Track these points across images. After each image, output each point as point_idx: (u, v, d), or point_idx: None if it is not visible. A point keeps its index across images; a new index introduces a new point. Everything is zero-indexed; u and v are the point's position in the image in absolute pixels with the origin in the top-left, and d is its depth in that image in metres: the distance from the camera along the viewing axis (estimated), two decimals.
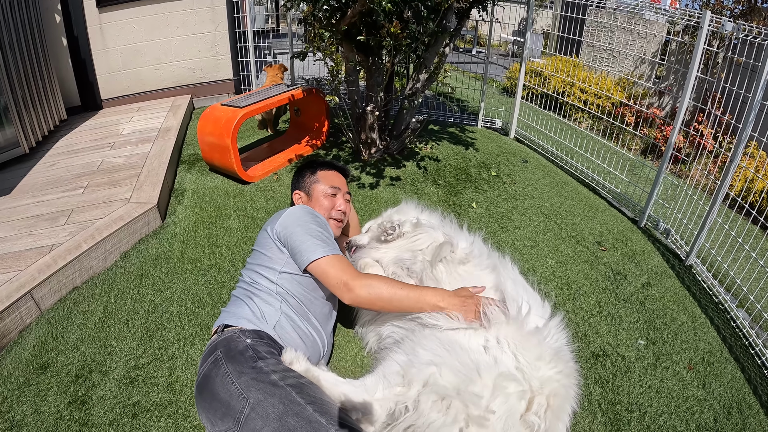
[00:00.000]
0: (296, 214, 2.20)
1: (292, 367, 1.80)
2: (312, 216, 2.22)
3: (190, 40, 6.14)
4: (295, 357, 1.83)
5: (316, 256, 2.04)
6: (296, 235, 2.10)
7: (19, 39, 4.41)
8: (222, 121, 3.83)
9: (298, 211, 2.23)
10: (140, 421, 2.04)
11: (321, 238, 2.11)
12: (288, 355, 1.83)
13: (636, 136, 5.42)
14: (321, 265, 2.03)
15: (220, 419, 1.66)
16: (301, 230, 2.12)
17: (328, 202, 2.48)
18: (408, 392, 1.73)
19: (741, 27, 3.20)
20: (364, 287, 1.97)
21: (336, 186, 2.53)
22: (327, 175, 2.58)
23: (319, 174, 2.57)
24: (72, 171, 4.00)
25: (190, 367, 2.31)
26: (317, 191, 2.51)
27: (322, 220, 2.26)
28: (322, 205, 2.47)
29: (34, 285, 2.60)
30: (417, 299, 1.97)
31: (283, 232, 2.15)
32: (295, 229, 2.13)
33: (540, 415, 1.70)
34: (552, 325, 1.96)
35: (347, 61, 4.05)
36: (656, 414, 2.23)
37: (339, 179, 2.61)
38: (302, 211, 2.24)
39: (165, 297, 2.78)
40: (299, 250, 2.08)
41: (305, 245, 2.07)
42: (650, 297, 3.04)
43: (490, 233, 3.54)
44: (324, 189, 2.51)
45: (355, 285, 1.97)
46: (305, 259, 2.06)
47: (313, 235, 2.10)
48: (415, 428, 1.68)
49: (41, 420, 2.04)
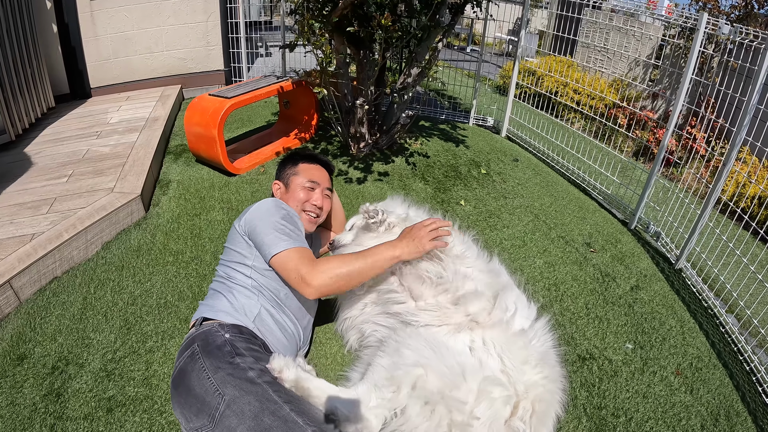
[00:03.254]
0: (262, 208, 2.15)
1: (281, 375, 1.73)
2: (278, 209, 2.15)
3: (181, 29, 6.07)
4: (284, 364, 1.76)
5: (277, 250, 1.98)
6: (259, 229, 2.05)
7: (9, 25, 4.33)
8: (209, 111, 3.77)
9: (264, 205, 2.17)
10: (115, 415, 2.00)
11: (284, 232, 2.04)
12: (277, 362, 1.75)
13: (628, 138, 5.41)
14: (281, 259, 1.98)
15: (195, 415, 1.62)
16: (264, 224, 2.06)
17: (304, 195, 2.41)
18: (398, 397, 1.70)
19: (738, 30, 3.18)
20: (319, 274, 1.91)
21: (315, 180, 2.46)
22: (307, 168, 2.51)
23: (300, 166, 2.52)
24: (57, 159, 3.94)
25: (167, 361, 2.27)
26: (295, 183, 2.45)
27: (290, 213, 2.19)
28: (297, 197, 2.40)
29: (14, 274, 2.55)
30: (373, 261, 1.96)
31: (248, 226, 2.10)
32: (259, 223, 2.07)
33: (525, 420, 1.67)
34: (538, 327, 1.93)
35: (338, 54, 4.00)
36: (643, 419, 2.20)
37: (320, 174, 2.54)
38: (269, 204, 2.18)
39: (145, 289, 2.74)
40: (261, 245, 2.03)
41: (267, 239, 2.02)
42: (639, 300, 3.02)
43: (479, 232, 3.50)
44: (302, 182, 2.44)
45: (312, 276, 1.91)
46: (267, 254, 2.01)
47: (276, 229, 2.04)
48: None
49: (16, 412, 2.00)
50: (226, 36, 6.29)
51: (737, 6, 7.65)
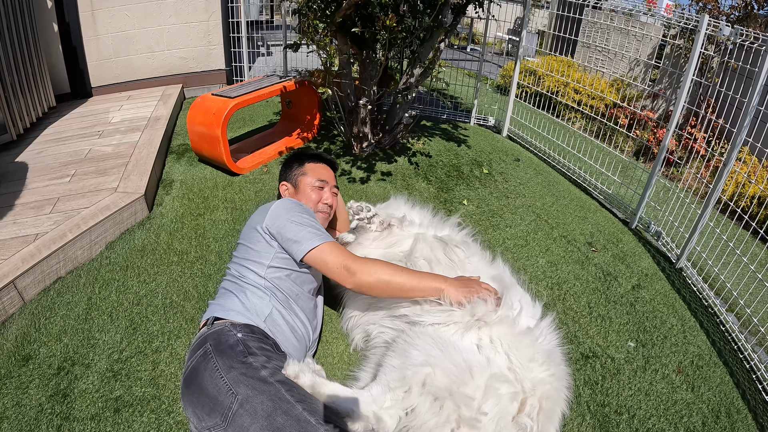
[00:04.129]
0: (285, 207, 2.17)
1: (298, 381, 1.76)
2: (301, 207, 2.20)
3: (182, 28, 6.06)
4: (300, 370, 1.78)
5: (313, 245, 2.01)
6: (289, 227, 2.07)
7: (10, 24, 4.32)
8: (212, 111, 3.77)
9: (287, 204, 2.20)
10: (123, 415, 2.00)
11: (314, 228, 2.08)
12: (292, 368, 1.77)
13: (629, 138, 5.42)
14: (320, 253, 2.01)
15: (207, 414, 1.63)
16: (293, 222, 2.09)
17: (315, 195, 2.45)
18: (410, 397, 1.71)
19: (739, 32, 3.19)
20: (366, 271, 1.95)
21: (323, 179, 2.50)
22: (315, 168, 2.55)
23: (307, 166, 2.55)
24: (59, 159, 3.93)
25: (174, 361, 2.27)
26: (304, 183, 2.48)
27: (310, 212, 2.24)
28: (309, 198, 2.44)
29: (18, 274, 2.54)
30: (419, 283, 1.98)
31: (274, 225, 2.11)
32: (287, 221, 2.09)
33: (532, 417, 1.69)
34: (544, 325, 1.95)
35: (341, 54, 4.01)
36: (645, 417, 2.22)
37: (327, 172, 2.57)
38: (291, 203, 2.21)
39: (150, 289, 2.74)
40: (295, 241, 2.05)
41: (300, 235, 2.04)
42: (640, 299, 3.04)
43: (481, 231, 3.52)
44: (311, 181, 2.48)
45: (357, 269, 1.95)
46: (303, 249, 2.03)
47: (307, 226, 2.08)
48: (409, 429, 1.67)
49: (22, 413, 2.00)
50: (228, 35, 6.27)
51: (737, 7, 7.66)
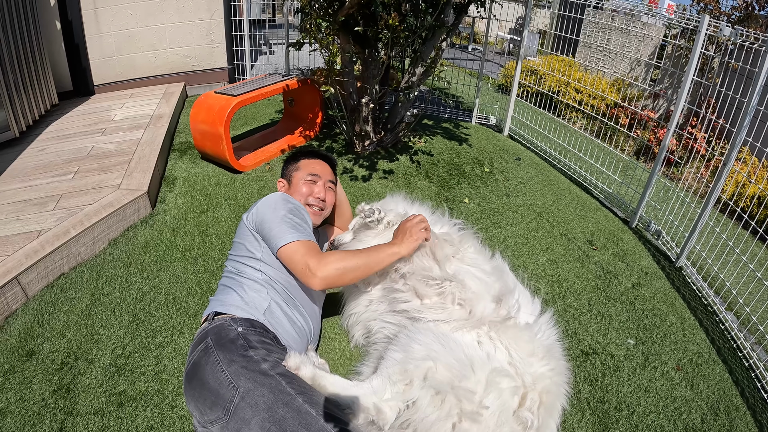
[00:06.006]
0: (269, 202, 2.18)
1: (299, 373, 1.77)
2: (285, 202, 2.20)
3: (185, 27, 6.08)
4: (300, 362, 1.80)
5: (284, 242, 2.02)
6: (267, 222, 2.09)
7: (13, 22, 4.34)
8: (215, 109, 3.79)
9: (272, 199, 2.21)
10: (126, 410, 2.02)
11: (291, 224, 2.08)
12: (293, 360, 1.79)
13: (629, 138, 5.44)
14: (288, 251, 2.01)
15: (209, 408, 1.64)
16: (272, 217, 2.10)
17: (306, 189, 2.47)
18: (411, 390, 1.73)
19: (739, 32, 3.20)
20: (325, 265, 1.95)
21: (315, 173, 2.52)
22: (308, 163, 2.57)
23: (301, 162, 2.58)
24: (62, 156, 3.95)
25: (177, 356, 2.29)
26: (296, 178, 2.50)
27: (297, 207, 2.23)
28: (300, 192, 2.45)
29: (21, 270, 2.56)
30: (376, 256, 2.05)
31: (256, 219, 2.14)
32: (266, 216, 2.11)
33: (533, 411, 1.70)
34: (543, 321, 1.97)
35: (344, 53, 4.03)
36: (644, 413, 2.24)
37: (321, 167, 2.59)
38: (277, 197, 2.22)
39: (153, 285, 2.75)
40: (269, 237, 2.07)
41: (274, 231, 2.06)
42: (640, 297, 3.05)
43: (482, 229, 3.54)
44: (303, 176, 2.50)
45: (315, 266, 1.95)
46: (274, 246, 2.05)
47: (283, 221, 2.08)
48: (410, 422, 1.68)
49: (26, 408, 2.01)
50: (230, 33, 6.29)
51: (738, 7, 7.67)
